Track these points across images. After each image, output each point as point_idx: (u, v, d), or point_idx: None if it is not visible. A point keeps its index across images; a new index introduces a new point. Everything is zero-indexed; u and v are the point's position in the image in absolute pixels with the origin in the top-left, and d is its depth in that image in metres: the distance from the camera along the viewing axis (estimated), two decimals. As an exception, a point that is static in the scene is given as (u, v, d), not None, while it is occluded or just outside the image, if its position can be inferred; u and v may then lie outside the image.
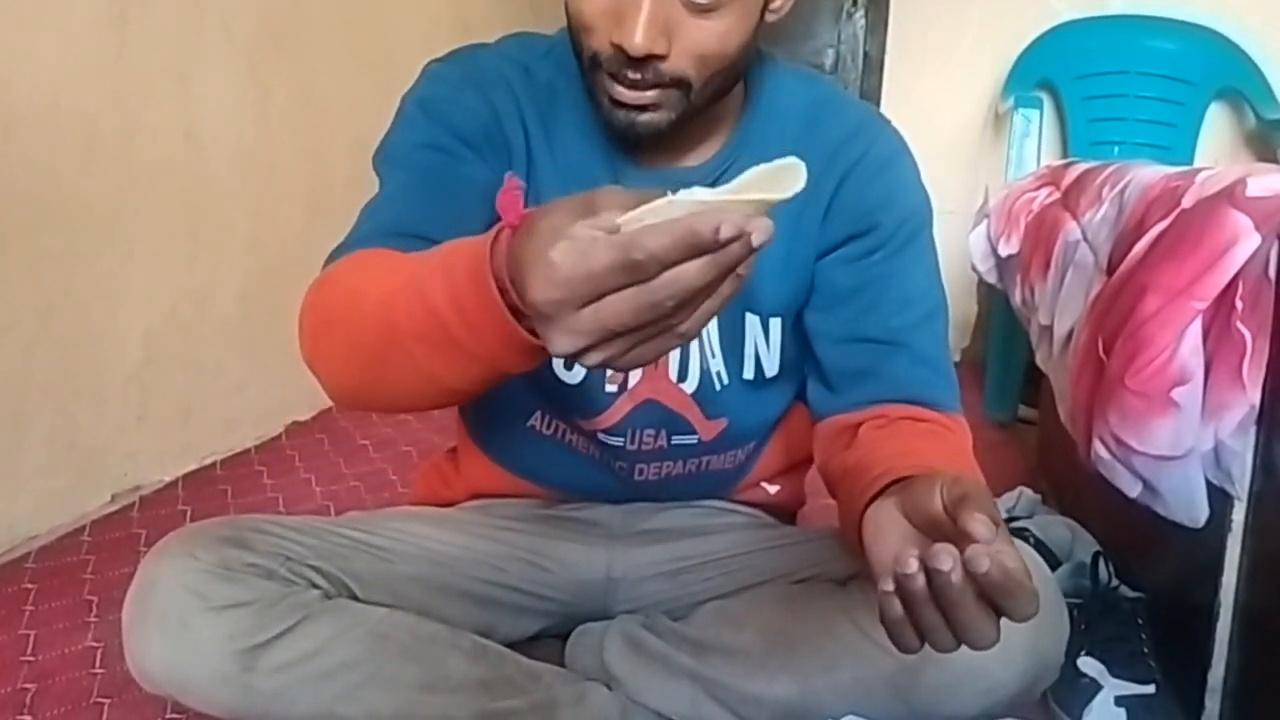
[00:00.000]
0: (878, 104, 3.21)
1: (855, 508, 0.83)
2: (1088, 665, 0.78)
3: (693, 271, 0.54)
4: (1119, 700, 0.88)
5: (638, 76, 0.87)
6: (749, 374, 1.07)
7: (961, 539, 0.63)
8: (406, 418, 2.34)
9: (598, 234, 0.55)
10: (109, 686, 1.22)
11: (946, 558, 0.61)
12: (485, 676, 1.01)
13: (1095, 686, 0.83)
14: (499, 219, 0.98)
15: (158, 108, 1.80)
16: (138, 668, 0.95)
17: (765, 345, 1.07)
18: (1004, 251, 1.97)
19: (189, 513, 1.76)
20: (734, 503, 1.20)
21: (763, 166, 0.58)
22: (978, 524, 0.62)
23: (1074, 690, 0.99)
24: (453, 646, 1.01)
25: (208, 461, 2.00)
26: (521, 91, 1.00)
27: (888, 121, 1.06)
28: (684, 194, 0.55)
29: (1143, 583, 1.28)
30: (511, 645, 1.09)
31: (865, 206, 1.01)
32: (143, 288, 1.81)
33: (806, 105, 1.04)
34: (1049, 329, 1.59)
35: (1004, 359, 2.43)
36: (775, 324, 1.06)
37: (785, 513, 1.24)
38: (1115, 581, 1.26)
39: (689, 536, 1.15)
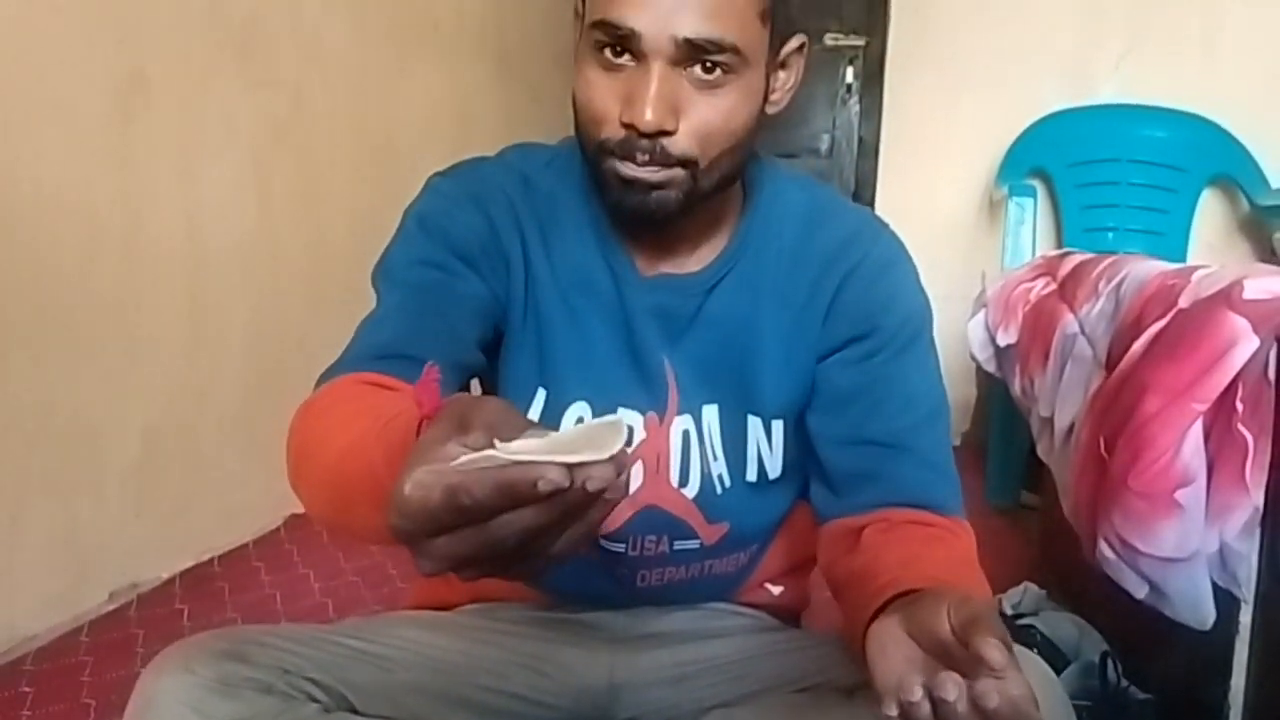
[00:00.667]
0: (873, 189, 3.25)
1: (859, 619, 0.83)
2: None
3: (528, 515, 0.54)
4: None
5: (647, 156, 0.89)
6: (752, 476, 1.06)
7: (971, 663, 0.62)
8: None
9: (441, 470, 0.55)
10: (102, 797, 1.20)
11: (952, 687, 0.61)
12: (484, 789, 0.99)
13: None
14: (494, 334, 1.00)
15: (161, 203, 1.82)
16: (135, 786, 0.93)
17: (768, 447, 1.06)
18: (1002, 341, 1.98)
19: (186, 611, 1.75)
20: (737, 604, 1.19)
21: (588, 423, 0.58)
22: (992, 649, 0.62)
23: None
24: (453, 757, 1.00)
25: (205, 558, 1.98)
26: (521, 203, 1.01)
27: (885, 225, 1.07)
28: (516, 443, 0.55)
29: (1151, 683, 1.27)
30: (512, 759, 1.07)
31: (865, 310, 1.02)
32: (143, 382, 1.81)
33: (805, 209, 1.05)
34: (1050, 421, 1.60)
35: (1005, 445, 2.42)
36: (777, 426, 1.06)
37: (789, 614, 1.22)
38: (1124, 682, 1.24)
39: (692, 641, 1.14)
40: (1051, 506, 1.87)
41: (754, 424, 1.05)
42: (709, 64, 0.87)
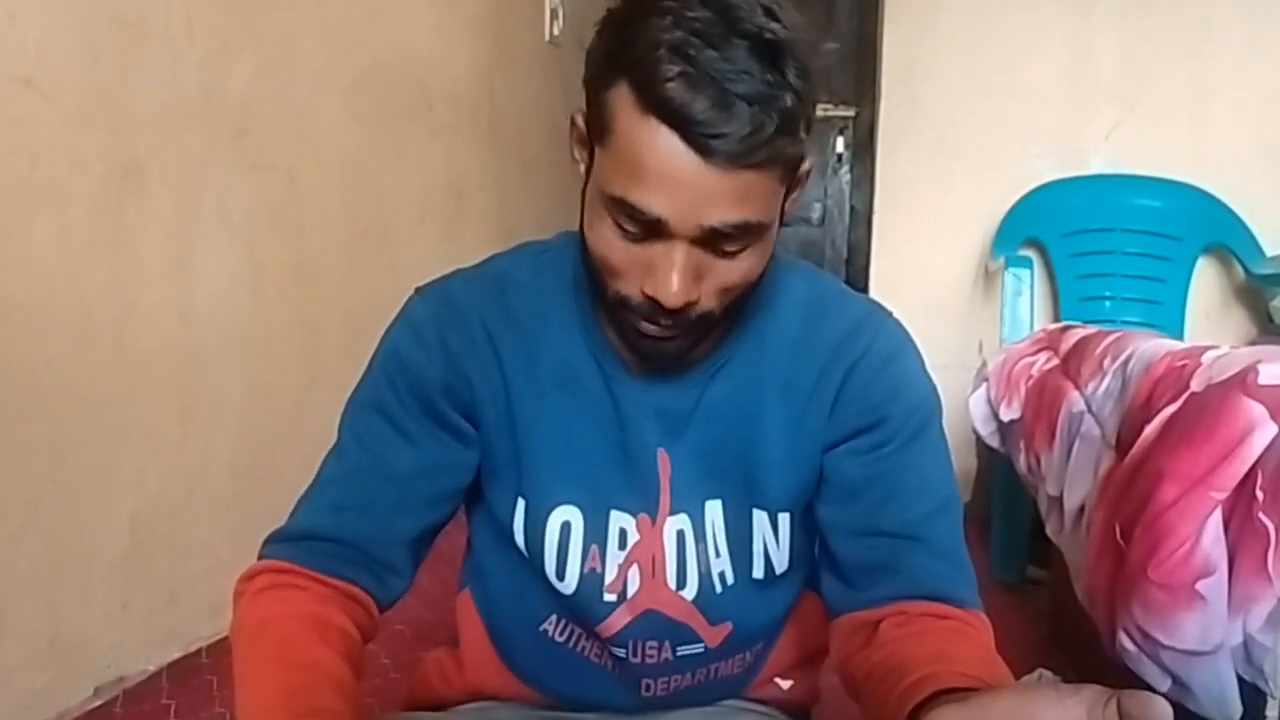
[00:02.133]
0: (867, 256, 3.25)
1: (895, 712, 0.79)
2: None
3: None
4: None
5: (670, 322, 0.87)
6: (759, 573, 1.03)
7: None
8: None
9: None
10: None
11: None
12: None
13: None
14: (462, 479, 0.99)
15: (153, 292, 1.80)
16: None
17: (774, 542, 1.03)
18: (1005, 416, 1.96)
19: (173, 707, 1.70)
20: (746, 700, 1.15)
21: None
22: None
23: None
24: None
25: (193, 648, 1.93)
26: (493, 316, 0.98)
27: (889, 314, 1.05)
28: None
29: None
30: None
31: (872, 400, 1.00)
32: (132, 471, 1.78)
33: (807, 300, 1.03)
34: (1059, 500, 1.57)
35: (1009, 520, 2.39)
36: (784, 520, 1.03)
37: (800, 709, 1.18)
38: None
39: (699, 742, 1.10)
40: (1060, 583, 1.84)
41: (760, 519, 1.02)
42: (734, 239, 0.84)
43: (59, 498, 1.61)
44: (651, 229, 0.82)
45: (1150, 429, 1.19)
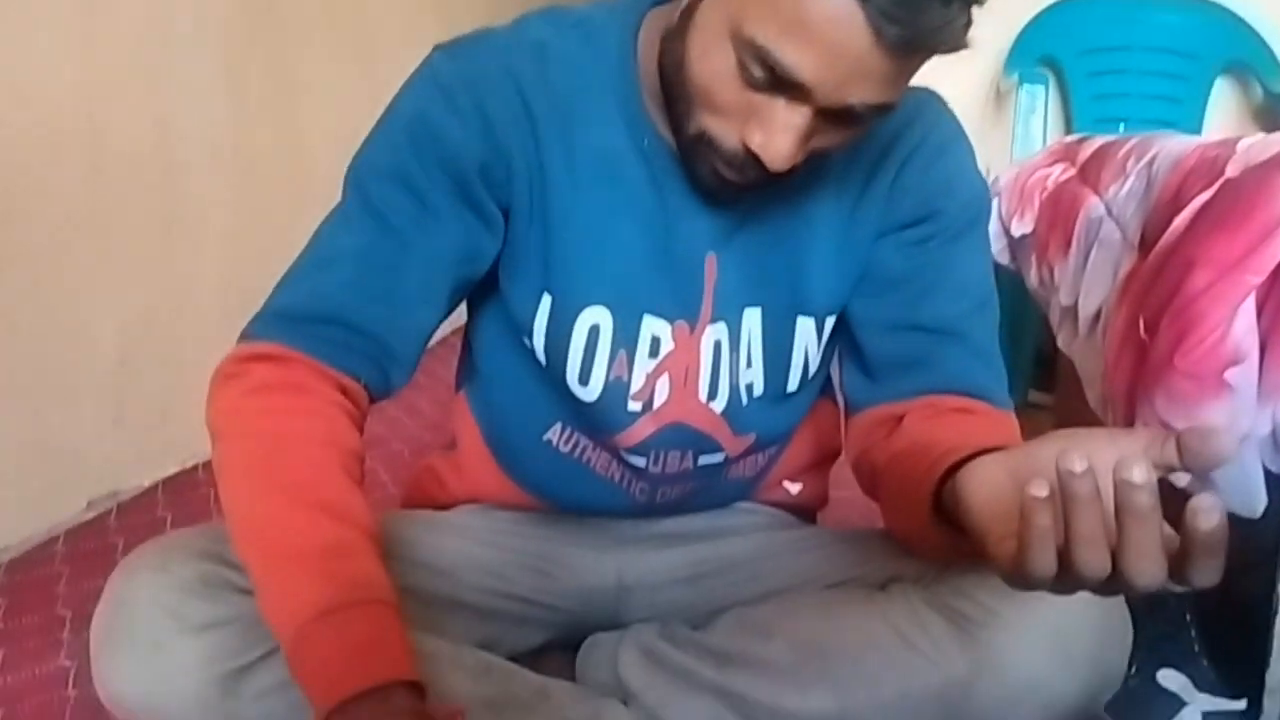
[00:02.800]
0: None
1: (926, 480, 0.77)
2: (1169, 679, 0.70)
3: None
4: (1207, 717, 0.78)
5: (757, 175, 0.80)
6: (794, 384, 0.98)
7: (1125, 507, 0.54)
8: (399, 414, 2.26)
9: None
10: (83, 711, 1.13)
11: (1141, 470, 0.52)
12: (491, 696, 0.92)
13: (1177, 702, 0.74)
14: (478, 268, 0.91)
15: (126, 99, 1.71)
16: (108, 694, 0.86)
17: (816, 349, 0.98)
18: (1017, 231, 1.89)
19: (169, 520, 1.68)
20: (754, 503, 1.12)
21: None
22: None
23: (1151, 707, 0.91)
24: (455, 664, 0.93)
25: (189, 464, 1.91)
26: (532, 85, 0.88)
27: (945, 106, 0.98)
28: None
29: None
30: (516, 659, 1.00)
31: (926, 192, 0.94)
32: (116, 284, 1.72)
33: None
34: (1072, 309, 1.52)
35: (1014, 343, 2.34)
36: (829, 324, 0.97)
37: (806, 512, 1.16)
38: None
39: (707, 539, 1.07)
40: (1064, 405, 1.80)
41: (804, 326, 0.96)
42: (863, 118, 0.77)
43: (39, 308, 1.56)
44: (783, 86, 0.74)
45: (1180, 219, 1.13)
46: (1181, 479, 1.06)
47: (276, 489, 0.80)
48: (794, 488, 1.12)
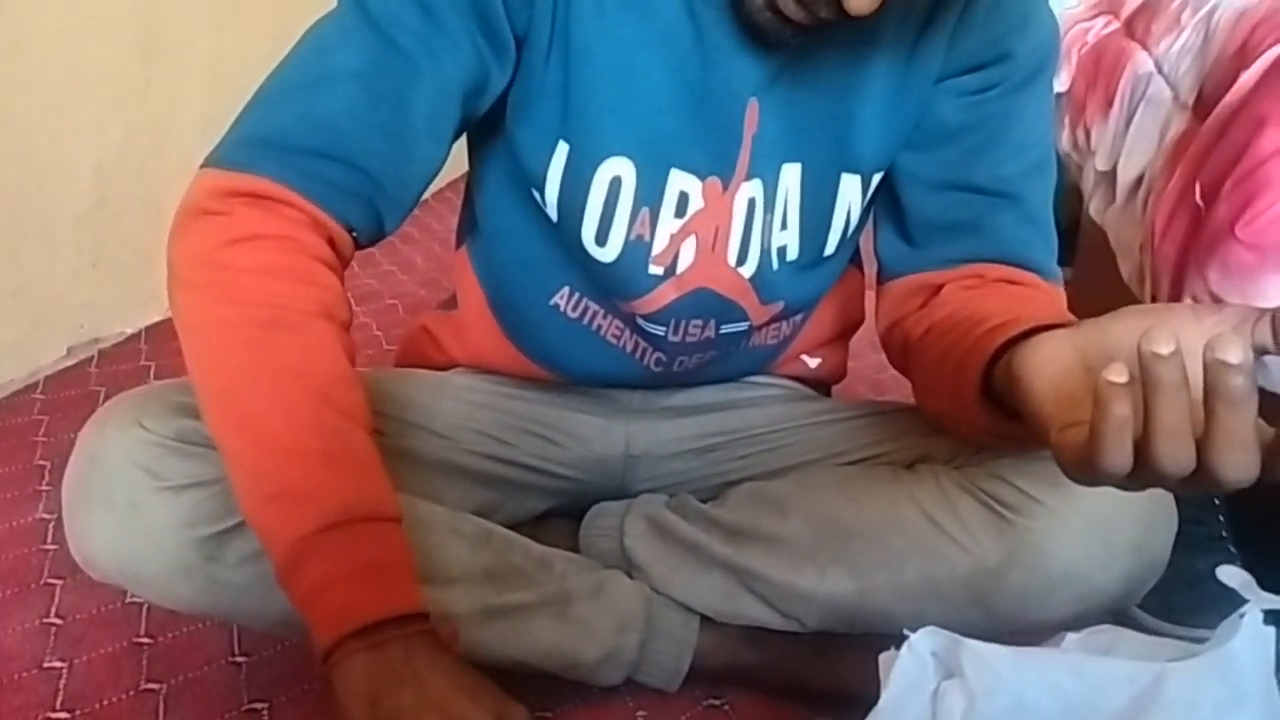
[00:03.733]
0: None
1: (975, 356, 0.70)
2: (1229, 575, 0.65)
3: None
4: (1270, 617, 0.73)
5: (827, 13, 0.70)
6: (830, 249, 0.89)
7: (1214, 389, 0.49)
8: (391, 268, 2.18)
9: None
10: (62, 565, 1.08)
11: (1238, 350, 0.46)
12: (490, 566, 0.87)
13: (1237, 600, 0.70)
14: (484, 104, 0.80)
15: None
16: (82, 555, 0.81)
17: (859, 209, 0.89)
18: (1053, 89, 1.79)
19: (153, 369, 1.61)
20: (771, 376, 1.05)
21: None
22: None
23: (1205, 603, 0.86)
24: (452, 532, 0.87)
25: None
26: None
27: None
28: None
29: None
30: (516, 527, 0.95)
31: (995, 31, 0.84)
32: (92, 117, 1.61)
33: None
34: (1109, 174, 1.43)
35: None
36: (876, 180, 0.89)
37: (823, 386, 1.09)
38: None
39: (719, 410, 1.01)
40: (1094, 276, 1.73)
41: (849, 184, 0.87)
42: None
43: (11, 141, 1.46)
44: None
45: (1248, 76, 1.03)
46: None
47: (274, 372, 0.71)
48: (812, 361, 1.05)
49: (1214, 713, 0.59)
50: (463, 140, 0.87)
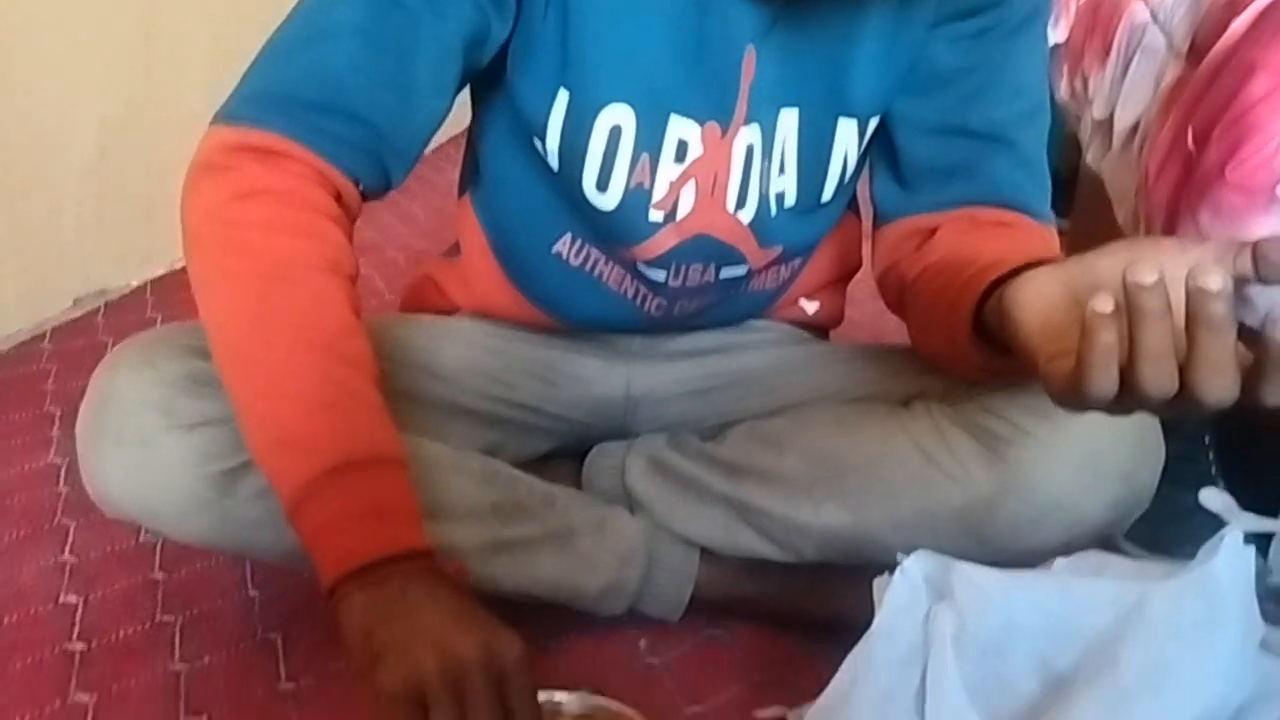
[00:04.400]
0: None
1: (967, 294, 0.72)
2: (1211, 498, 0.67)
3: None
4: (1250, 538, 0.76)
5: None
6: (828, 194, 0.91)
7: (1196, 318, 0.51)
8: (392, 220, 2.19)
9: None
10: (75, 507, 1.11)
11: (1218, 278, 0.49)
12: (495, 501, 0.90)
13: (1217, 522, 0.72)
14: (463, 75, 0.81)
15: None
16: (97, 493, 0.83)
17: (856, 154, 0.90)
18: (1051, 39, 1.79)
19: (159, 321, 1.63)
20: (769, 320, 1.06)
21: None
22: None
23: (1191, 536, 0.88)
24: (458, 469, 0.89)
25: (178, 266, 1.84)
26: None
27: None
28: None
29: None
30: (521, 467, 0.97)
31: None
32: (95, 71, 1.62)
33: None
34: (1106, 122, 1.44)
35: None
36: (873, 125, 0.90)
37: (821, 331, 1.11)
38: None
39: (719, 354, 1.02)
40: (1090, 224, 1.74)
41: (846, 129, 0.88)
42: None
43: (13, 93, 1.47)
44: None
45: (1239, 22, 1.04)
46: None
47: (280, 324, 0.73)
48: (811, 306, 1.07)
49: (1194, 630, 0.61)
50: (464, 94, 0.88)
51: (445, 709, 0.63)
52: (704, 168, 0.85)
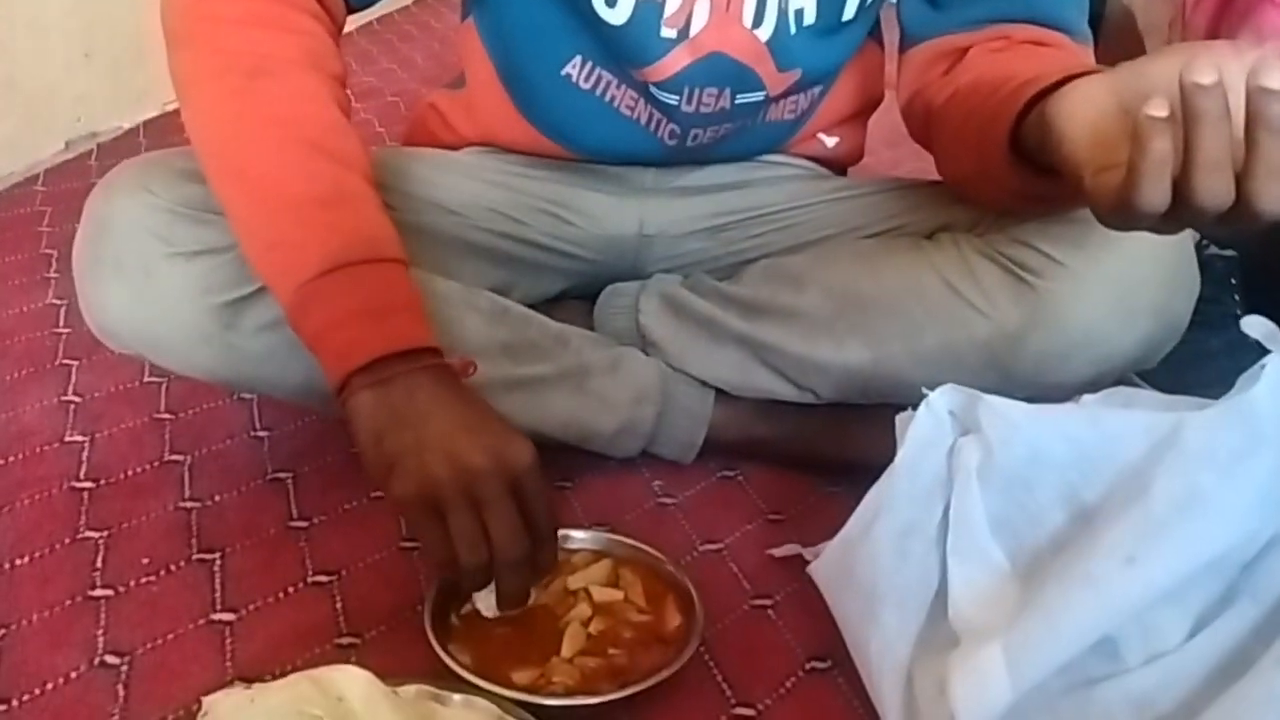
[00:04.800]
0: None
1: (1005, 111, 0.68)
2: (1253, 326, 0.65)
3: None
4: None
5: None
6: (849, 12, 0.86)
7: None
8: (391, 66, 2.12)
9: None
10: (76, 347, 1.09)
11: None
12: (507, 340, 0.87)
13: (1239, 366, 0.70)
14: None
15: None
16: (97, 324, 0.81)
17: None
18: None
19: (154, 163, 1.58)
20: (788, 155, 1.02)
21: None
22: None
23: (1217, 379, 0.85)
24: (468, 307, 0.87)
25: (170, 108, 1.79)
26: None
27: None
28: None
29: (1233, 241, 1.14)
30: (532, 307, 0.95)
31: None
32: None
33: None
34: (1140, -46, 1.37)
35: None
36: None
37: (839, 168, 1.06)
38: (1202, 240, 1.11)
39: (734, 189, 0.99)
40: (1115, 64, 1.68)
41: None
42: None
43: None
44: None
45: None
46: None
47: (263, 121, 0.72)
48: (830, 140, 1.02)
49: (1231, 459, 0.59)
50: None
51: (462, 515, 0.64)
52: None
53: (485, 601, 0.70)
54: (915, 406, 0.72)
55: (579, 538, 0.79)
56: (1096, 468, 0.65)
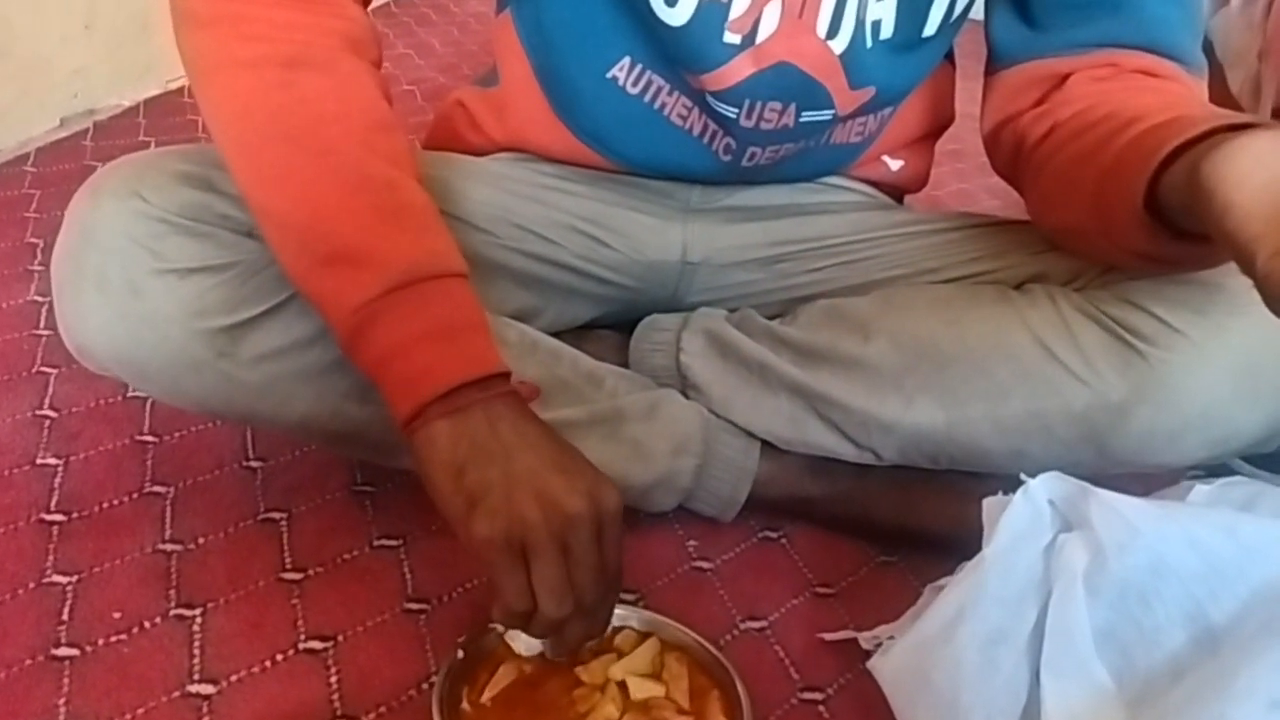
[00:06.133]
0: None
1: (1144, 159, 0.59)
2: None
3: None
4: None
5: None
6: (931, 28, 0.76)
7: None
8: (408, 51, 2.02)
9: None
10: (56, 353, 0.99)
11: None
12: (536, 378, 0.78)
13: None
14: None
15: None
16: (75, 343, 0.71)
17: None
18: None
19: (153, 144, 1.49)
20: (849, 178, 0.93)
21: None
22: None
23: None
24: (496, 338, 0.77)
25: (173, 86, 1.69)
26: None
27: None
28: None
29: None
30: (559, 336, 0.85)
31: None
32: None
33: None
34: (1224, -20, 1.28)
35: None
36: None
37: (900, 192, 0.97)
38: None
39: (790, 215, 0.89)
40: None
41: None
42: None
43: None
44: None
45: None
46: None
47: (308, 120, 0.65)
48: (894, 164, 0.93)
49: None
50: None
51: (550, 562, 0.59)
52: None
53: (524, 640, 0.65)
54: (1007, 489, 0.63)
55: (619, 614, 0.69)
56: (1229, 585, 0.56)
